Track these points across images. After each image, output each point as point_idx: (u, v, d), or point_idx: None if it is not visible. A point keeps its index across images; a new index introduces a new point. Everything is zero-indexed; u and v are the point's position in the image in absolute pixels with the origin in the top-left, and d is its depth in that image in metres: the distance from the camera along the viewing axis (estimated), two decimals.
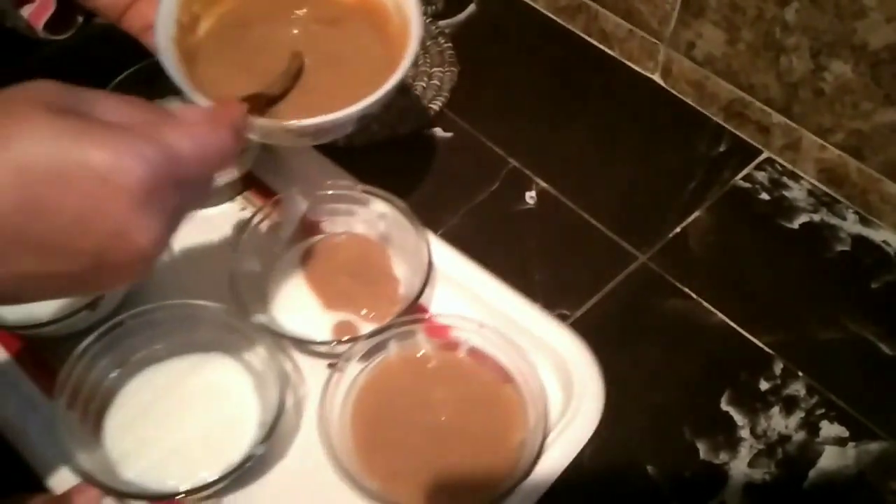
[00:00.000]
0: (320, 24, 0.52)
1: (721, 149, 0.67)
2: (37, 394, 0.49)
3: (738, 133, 0.68)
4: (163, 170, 0.32)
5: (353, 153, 0.61)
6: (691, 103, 0.70)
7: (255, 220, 0.53)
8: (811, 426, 0.52)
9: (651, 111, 0.70)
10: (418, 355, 0.50)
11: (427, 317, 0.50)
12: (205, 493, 0.45)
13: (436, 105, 0.68)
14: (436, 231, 0.59)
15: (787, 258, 0.60)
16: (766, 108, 0.65)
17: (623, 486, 0.50)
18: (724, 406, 0.53)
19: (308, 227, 0.57)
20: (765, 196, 0.64)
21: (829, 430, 0.52)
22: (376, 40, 0.51)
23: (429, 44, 0.73)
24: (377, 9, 0.51)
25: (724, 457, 0.51)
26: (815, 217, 0.63)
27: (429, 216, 0.56)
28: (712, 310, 0.57)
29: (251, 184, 0.61)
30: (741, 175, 0.65)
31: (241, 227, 0.53)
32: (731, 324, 0.57)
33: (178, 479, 0.45)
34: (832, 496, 0.49)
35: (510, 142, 0.67)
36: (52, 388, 0.45)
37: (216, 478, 0.43)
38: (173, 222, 0.34)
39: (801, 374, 0.54)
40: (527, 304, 0.53)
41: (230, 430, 0.47)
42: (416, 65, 0.70)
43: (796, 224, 0.62)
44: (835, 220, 0.63)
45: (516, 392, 0.48)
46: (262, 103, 0.45)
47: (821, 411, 0.53)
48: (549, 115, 0.70)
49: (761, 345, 0.56)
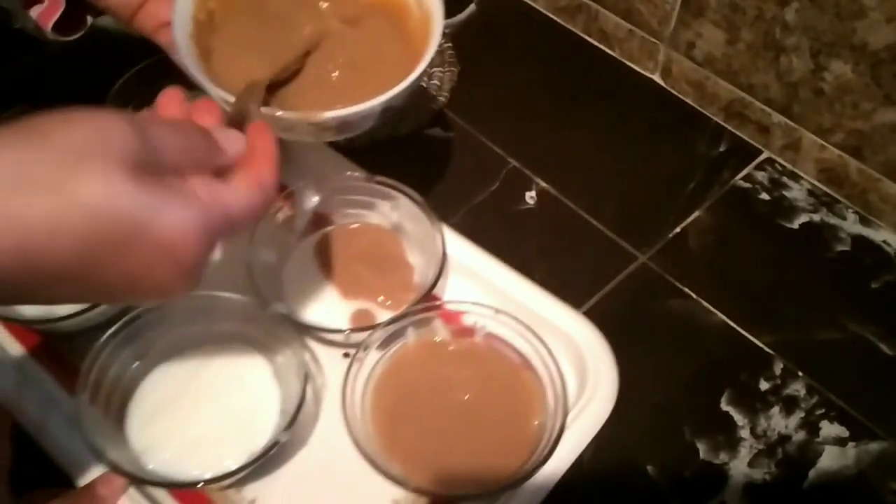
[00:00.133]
0: (339, 22, 0.52)
1: (721, 149, 0.67)
2: (57, 389, 0.50)
3: (738, 133, 0.68)
4: (218, 238, 0.35)
5: (353, 153, 0.61)
6: (691, 103, 0.70)
7: (270, 212, 0.53)
8: (811, 426, 0.52)
9: (651, 111, 0.70)
10: (436, 341, 0.50)
11: (443, 304, 0.51)
12: (228, 482, 0.45)
13: (436, 105, 0.68)
14: None
15: (787, 258, 0.60)
16: (766, 108, 0.65)
17: (623, 485, 0.50)
18: (724, 406, 0.53)
19: (322, 219, 0.57)
20: (765, 196, 0.64)
21: (829, 429, 0.52)
22: (395, 37, 0.51)
23: None
24: (397, 5, 0.52)
25: (724, 457, 0.51)
26: (815, 217, 0.63)
27: None
28: (712, 310, 0.57)
29: None
30: (741, 175, 0.65)
31: None
32: (731, 324, 0.57)
33: (201, 469, 0.45)
34: (832, 496, 0.49)
35: (510, 142, 0.67)
36: (72, 383, 0.45)
37: (239, 466, 0.44)
38: (208, 260, 0.36)
39: (801, 373, 0.54)
40: (540, 291, 0.53)
41: (251, 418, 0.47)
42: None
43: (796, 224, 0.62)
44: (835, 220, 0.63)
45: (534, 376, 0.48)
46: (279, 83, 0.45)
47: (821, 411, 0.53)
48: (549, 115, 0.70)
49: (761, 345, 0.56)
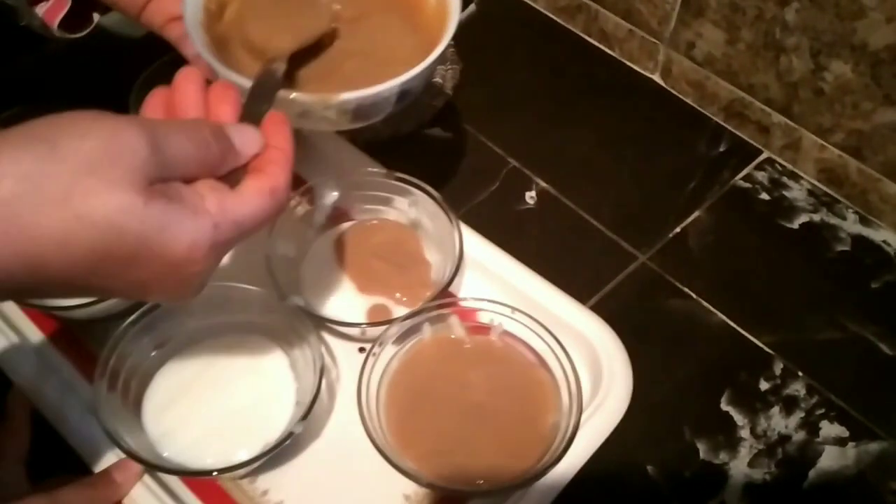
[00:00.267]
0: (352, 14, 0.52)
1: (721, 149, 0.67)
2: (76, 376, 0.50)
3: (738, 133, 0.68)
4: (226, 249, 0.34)
5: None
6: (691, 103, 0.70)
7: (289, 206, 0.53)
8: (811, 426, 0.52)
9: (651, 111, 0.70)
10: (452, 338, 0.50)
11: (459, 301, 0.51)
12: (241, 472, 0.45)
13: (438, 103, 0.68)
14: None
15: (787, 258, 0.60)
16: (766, 108, 0.65)
17: (623, 485, 0.50)
18: (724, 406, 0.53)
19: (340, 214, 0.57)
20: (765, 196, 0.64)
21: (829, 430, 0.52)
22: (408, 27, 0.52)
23: None
24: None
25: (723, 457, 0.51)
26: (815, 217, 0.63)
27: None
28: (712, 310, 0.57)
29: None
30: (741, 175, 0.65)
31: None
32: (731, 324, 0.57)
33: (216, 458, 0.45)
34: (832, 496, 0.49)
35: (510, 142, 0.67)
36: (91, 370, 0.46)
37: (253, 456, 0.44)
38: (216, 267, 0.36)
39: (800, 373, 0.54)
40: (555, 291, 0.53)
41: (267, 409, 0.48)
42: None
43: (796, 224, 0.62)
44: (835, 220, 0.63)
45: (549, 375, 0.48)
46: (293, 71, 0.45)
47: (821, 411, 0.53)
48: (549, 115, 0.70)
49: (761, 345, 0.56)
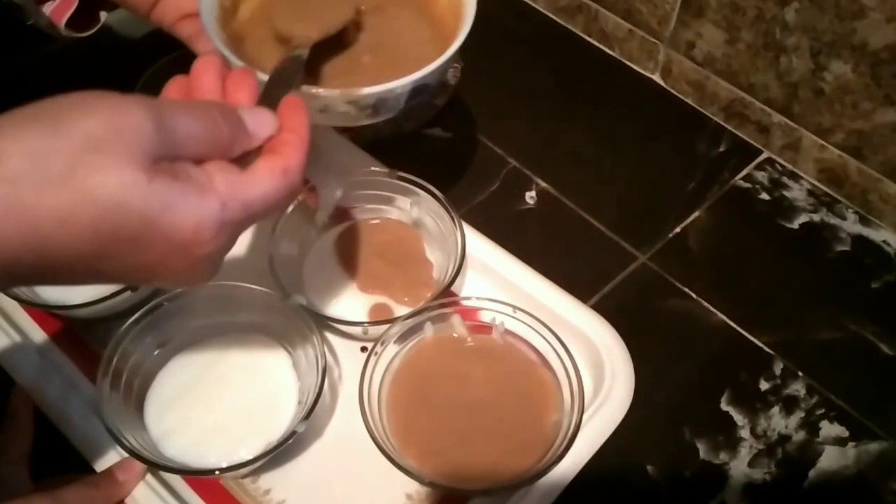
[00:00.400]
0: (367, 8, 0.52)
1: (721, 149, 0.67)
2: (78, 375, 0.50)
3: (738, 133, 0.68)
4: (237, 230, 0.33)
5: None
6: (691, 103, 0.70)
7: (292, 205, 0.53)
8: (811, 426, 0.52)
9: (651, 111, 0.70)
10: (453, 337, 0.50)
11: (461, 300, 0.51)
12: (244, 471, 0.45)
13: (440, 102, 0.68)
14: None
15: (787, 258, 0.60)
16: (766, 108, 0.65)
17: (623, 485, 0.50)
18: (724, 406, 0.53)
19: (343, 213, 0.57)
20: (765, 196, 0.64)
21: (829, 430, 0.52)
22: (423, 21, 0.52)
23: None
24: None
25: (724, 457, 0.51)
26: (815, 217, 0.63)
27: None
28: (712, 309, 0.57)
29: None
30: (741, 175, 0.65)
31: None
32: (731, 324, 0.57)
33: (218, 457, 0.45)
34: (832, 496, 0.49)
35: (510, 142, 0.67)
36: (93, 370, 0.46)
37: (256, 455, 0.44)
38: (229, 249, 0.35)
39: (800, 373, 0.54)
40: (557, 290, 0.54)
41: (269, 408, 0.48)
42: None
43: (796, 224, 0.62)
44: (835, 220, 0.63)
45: (551, 374, 0.48)
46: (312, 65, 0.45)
47: (821, 411, 0.53)
48: (549, 115, 0.70)
49: (761, 345, 0.56)
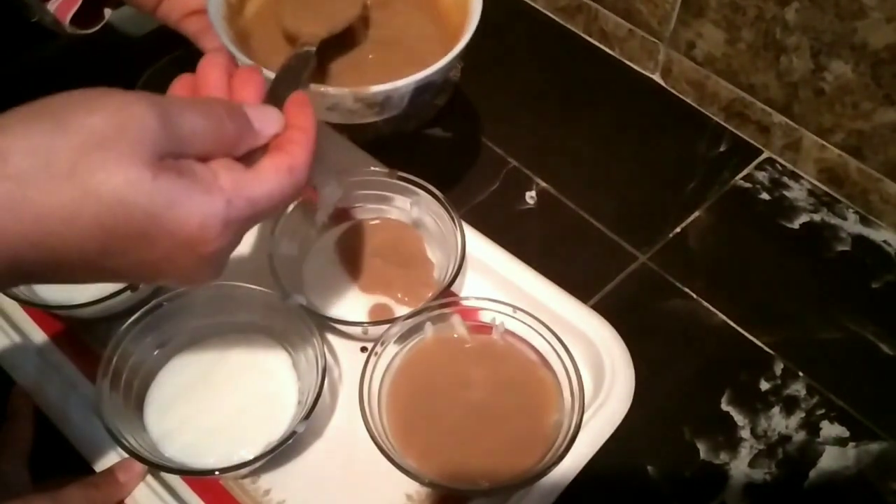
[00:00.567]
0: (372, 4, 0.52)
1: (721, 149, 0.67)
2: (77, 375, 0.50)
3: (738, 133, 0.68)
4: (242, 227, 0.34)
5: None
6: (691, 103, 0.70)
7: (292, 204, 0.53)
8: (811, 426, 0.52)
9: (651, 111, 0.70)
10: (454, 337, 0.50)
11: (461, 300, 0.51)
12: (243, 471, 0.45)
13: (440, 101, 0.68)
14: None
15: (787, 258, 0.60)
16: (766, 107, 0.65)
17: (623, 485, 0.50)
18: (725, 406, 0.53)
19: (343, 213, 0.57)
20: (765, 196, 0.64)
21: (829, 430, 0.52)
22: (429, 17, 0.52)
23: None
24: None
25: (724, 457, 0.51)
26: (816, 217, 0.63)
27: None
28: (712, 310, 0.57)
29: None
30: (741, 175, 0.65)
31: None
32: (732, 324, 0.57)
33: (217, 457, 0.45)
34: (832, 496, 0.49)
35: (510, 142, 0.67)
36: (93, 370, 0.46)
37: (255, 456, 0.44)
38: (234, 247, 0.35)
39: (801, 374, 0.54)
40: (557, 290, 0.54)
41: (268, 409, 0.48)
42: None
43: (797, 224, 0.62)
44: (835, 220, 0.63)
45: (551, 374, 0.48)
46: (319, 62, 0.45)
47: (821, 411, 0.53)
48: (549, 115, 0.70)
49: (761, 345, 0.56)
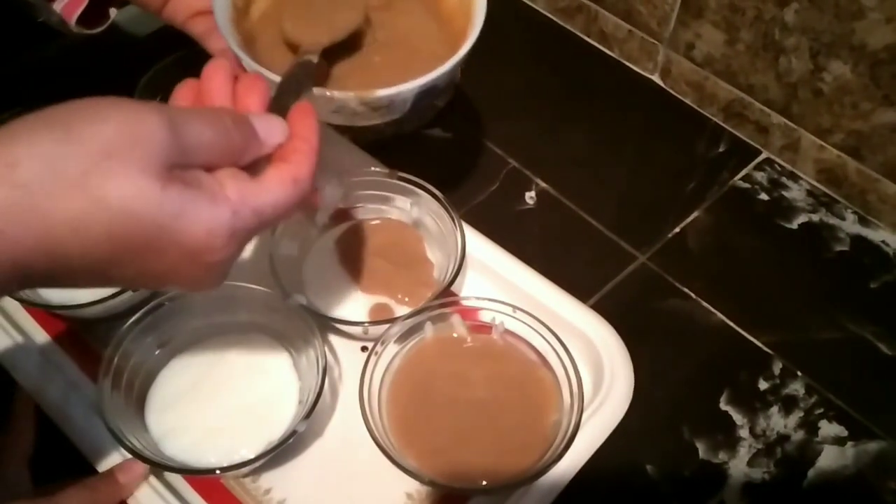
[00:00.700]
0: (376, 6, 0.52)
1: (720, 149, 0.67)
2: (79, 375, 0.50)
3: (737, 133, 0.68)
4: (247, 238, 0.34)
5: None
6: (690, 104, 0.70)
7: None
8: (810, 426, 0.52)
9: (650, 112, 0.70)
10: (453, 337, 0.50)
11: (461, 300, 0.51)
12: (244, 470, 0.45)
13: (440, 102, 0.68)
14: None
15: (786, 258, 0.60)
16: (765, 108, 0.65)
17: (622, 484, 0.50)
18: (724, 405, 0.53)
19: (343, 213, 0.57)
20: (764, 196, 0.64)
21: (827, 429, 0.52)
22: (432, 19, 0.52)
23: None
24: None
25: (723, 456, 0.51)
26: (814, 217, 0.63)
27: None
28: (711, 309, 0.57)
29: None
30: (740, 175, 0.66)
31: None
32: (730, 323, 0.57)
33: (219, 457, 0.46)
34: (831, 495, 0.50)
35: (510, 142, 0.67)
36: (94, 369, 0.46)
37: (256, 455, 0.44)
38: (239, 255, 0.35)
39: (799, 373, 0.54)
40: (556, 289, 0.54)
41: (269, 408, 0.48)
42: None
43: (795, 224, 0.63)
44: (834, 221, 0.63)
45: (551, 374, 0.48)
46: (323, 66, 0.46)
47: (819, 411, 0.53)
48: (549, 115, 0.70)
49: (760, 344, 0.56)
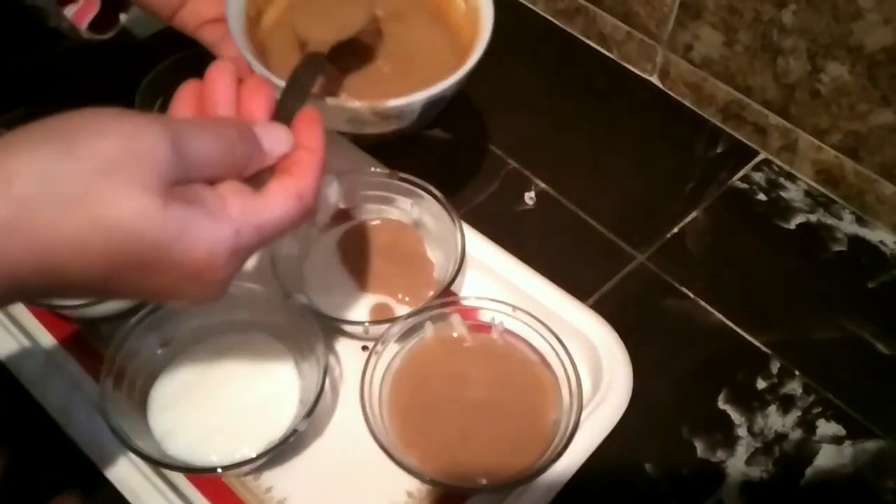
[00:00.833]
0: (385, 17, 0.53)
1: (718, 150, 0.68)
2: (82, 374, 0.50)
3: (735, 134, 0.68)
4: (248, 255, 0.33)
5: None
6: (689, 105, 0.71)
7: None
8: (808, 425, 0.52)
9: (649, 113, 0.71)
10: (453, 336, 0.51)
11: (461, 300, 0.51)
12: (246, 469, 0.46)
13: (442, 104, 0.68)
14: None
15: (784, 258, 0.61)
16: (763, 109, 0.65)
17: (621, 483, 0.50)
18: (722, 405, 0.53)
19: (344, 213, 0.57)
20: (762, 197, 0.64)
21: (825, 428, 0.52)
22: (440, 30, 0.53)
23: None
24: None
25: (721, 455, 0.51)
26: (812, 217, 0.63)
27: None
28: (710, 309, 0.58)
29: None
30: (738, 176, 0.66)
31: None
32: (729, 323, 0.57)
33: (220, 455, 0.46)
34: (829, 494, 0.50)
35: (510, 142, 0.67)
36: (97, 369, 0.46)
37: (258, 454, 0.44)
38: (240, 271, 0.34)
39: (797, 373, 0.55)
40: (556, 289, 0.54)
41: (271, 407, 0.48)
42: None
43: (793, 224, 0.63)
44: (831, 221, 0.63)
45: (550, 373, 0.48)
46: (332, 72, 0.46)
47: (817, 410, 0.53)
48: (548, 116, 0.70)
49: (758, 344, 0.56)
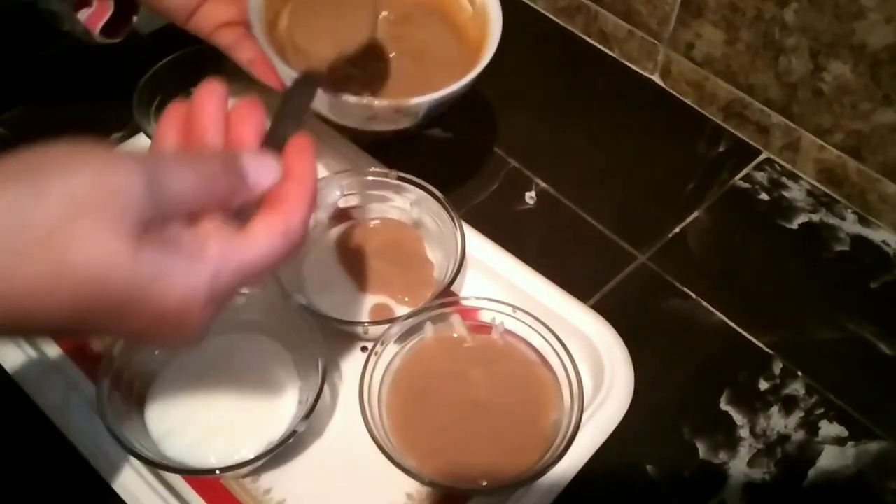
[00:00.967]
0: (394, 20, 0.53)
1: (720, 149, 0.67)
2: (79, 375, 0.50)
3: (737, 133, 0.68)
4: (227, 297, 0.31)
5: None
6: (690, 104, 0.70)
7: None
8: (810, 426, 0.52)
9: (650, 112, 0.70)
10: (453, 337, 0.50)
11: (461, 300, 0.51)
12: (244, 470, 0.45)
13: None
14: None
15: (786, 258, 0.61)
16: (765, 108, 0.65)
17: (622, 484, 0.50)
18: (724, 406, 0.53)
19: (343, 213, 0.57)
20: (764, 196, 0.64)
21: (828, 429, 0.52)
22: (448, 31, 0.53)
23: None
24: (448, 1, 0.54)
25: (723, 456, 0.51)
26: (815, 217, 0.63)
27: None
28: (711, 310, 0.57)
29: None
30: (740, 175, 0.66)
31: None
32: (731, 323, 0.57)
33: (218, 457, 0.45)
34: (831, 496, 0.50)
35: (510, 142, 0.67)
36: (94, 370, 0.46)
37: (256, 455, 0.44)
38: (221, 312, 0.33)
39: (800, 373, 0.54)
40: (556, 289, 0.54)
41: (269, 408, 0.48)
42: None
43: (795, 224, 0.63)
44: (834, 220, 0.63)
45: (551, 374, 0.48)
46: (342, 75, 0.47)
47: (820, 411, 0.53)
48: (549, 115, 0.70)
49: (760, 345, 0.56)
